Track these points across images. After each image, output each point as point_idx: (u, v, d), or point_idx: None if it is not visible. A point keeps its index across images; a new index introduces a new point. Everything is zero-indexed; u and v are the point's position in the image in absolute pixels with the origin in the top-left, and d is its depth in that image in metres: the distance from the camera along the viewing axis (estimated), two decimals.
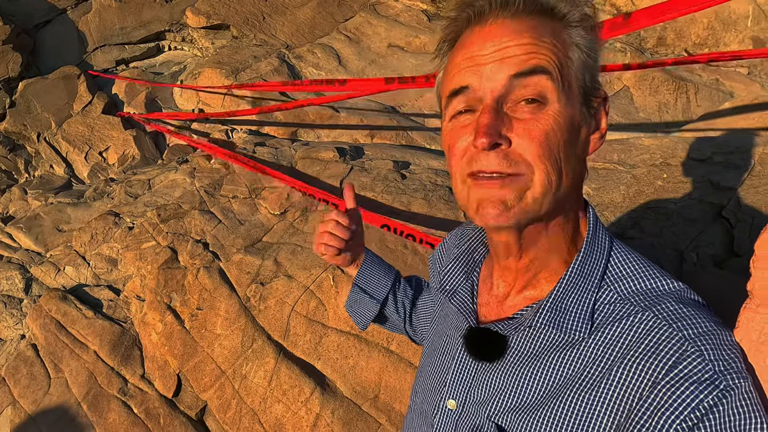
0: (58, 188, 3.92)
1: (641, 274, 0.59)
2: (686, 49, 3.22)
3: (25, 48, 4.71)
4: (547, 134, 0.54)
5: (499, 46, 0.55)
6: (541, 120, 0.54)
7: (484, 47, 0.55)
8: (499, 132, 0.54)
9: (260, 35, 4.32)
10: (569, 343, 0.58)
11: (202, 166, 3.10)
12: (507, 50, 0.54)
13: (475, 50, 0.56)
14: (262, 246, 2.33)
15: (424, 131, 3.31)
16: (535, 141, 0.53)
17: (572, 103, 0.56)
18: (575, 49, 0.56)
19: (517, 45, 0.54)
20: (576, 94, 0.56)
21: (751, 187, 1.52)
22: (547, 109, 0.54)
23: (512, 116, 0.55)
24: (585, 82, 0.57)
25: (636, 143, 1.96)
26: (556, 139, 0.54)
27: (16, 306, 2.77)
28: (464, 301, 0.71)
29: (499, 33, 0.55)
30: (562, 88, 0.54)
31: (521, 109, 0.54)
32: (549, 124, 0.54)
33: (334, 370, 1.84)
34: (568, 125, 0.55)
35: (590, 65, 0.57)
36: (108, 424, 2.12)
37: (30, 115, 4.37)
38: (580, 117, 0.57)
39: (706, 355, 0.49)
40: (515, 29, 0.55)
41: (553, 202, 0.57)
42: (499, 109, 0.55)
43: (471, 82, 0.56)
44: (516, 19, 0.55)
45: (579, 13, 0.56)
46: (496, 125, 0.54)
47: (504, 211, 0.56)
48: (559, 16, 0.56)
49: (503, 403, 0.60)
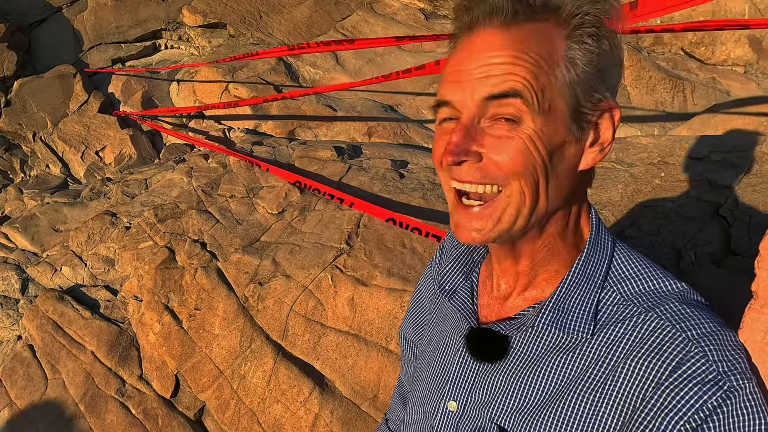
0: (55, 188, 3.90)
1: (644, 275, 0.59)
2: (683, 47, 3.22)
3: (20, 46, 4.69)
4: (521, 152, 0.54)
5: (482, 61, 0.55)
6: (515, 138, 0.54)
7: (470, 60, 0.56)
8: (467, 150, 0.55)
9: (257, 34, 4.31)
10: (572, 344, 0.58)
11: (200, 165, 3.09)
12: (488, 68, 0.54)
13: (462, 61, 0.57)
14: (260, 246, 2.33)
15: (422, 130, 3.31)
16: (508, 158, 0.54)
17: (554, 121, 0.54)
18: (564, 65, 0.54)
19: (497, 63, 0.54)
20: (561, 112, 0.55)
21: (749, 186, 1.53)
22: (523, 129, 0.54)
23: (487, 132, 0.55)
24: (576, 97, 0.55)
25: (634, 142, 1.97)
26: (531, 157, 0.54)
27: (13, 307, 2.76)
28: (464, 301, 0.71)
29: (485, 46, 0.55)
30: (538, 109, 0.53)
31: (498, 125, 0.55)
32: (523, 143, 0.54)
33: (333, 369, 1.84)
34: (545, 145, 0.54)
35: (585, 79, 0.55)
36: (106, 425, 2.11)
37: (25, 115, 4.35)
38: (564, 134, 0.56)
39: (710, 356, 0.49)
40: (501, 42, 0.54)
41: (534, 219, 0.58)
42: (471, 128, 0.56)
43: (452, 98, 0.57)
44: (505, 28, 0.54)
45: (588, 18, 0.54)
46: (464, 144, 0.55)
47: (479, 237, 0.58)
48: (561, 19, 0.54)
49: (506, 404, 0.60)
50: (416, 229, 1.85)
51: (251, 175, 2.78)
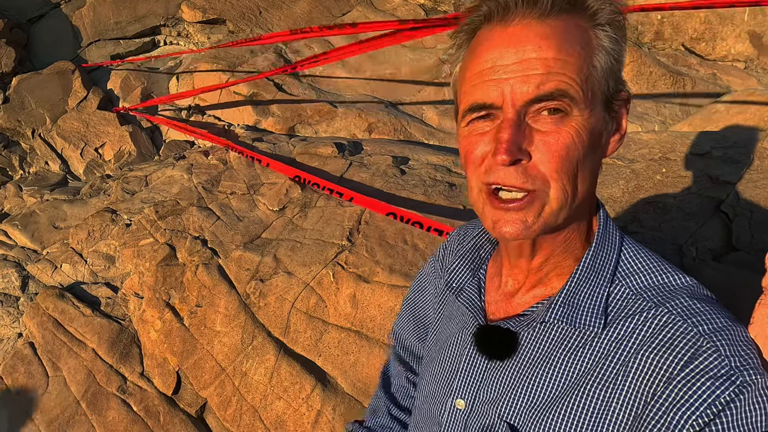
0: (54, 185, 3.89)
1: (653, 269, 0.59)
2: (683, 43, 3.22)
3: (18, 43, 4.66)
4: (567, 148, 0.53)
5: (521, 56, 0.52)
6: (562, 133, 0.53)
7: (506, 55, 0.53)
8: (520, 147, 0.53)
9: (257, 30, 4.29)
10: (582, 339, 0.58)
11: (200, 162, 3.08)
12: (530, 64, 0.51)
13: (495, 57, 0.53)
14: (261, 242, 2.33)
15: (423, 126, 3.30)
16: (555, 157, 0.53)
17: (595, 111, 0.54)
18: (601, 53, 0.54)
19: (539, 59, 0.51)
20: (599, 101, 0.55)
21: (750, 182, 1.53)
22: (570, 121, 0.53)
23: (534, 127, 0.53)
24: (608, 87, 0.55)
25: (635, 138, 1.96)
26: (576, 152, 0.53)
27: (13, 304, 2.76)
28: (472, 298, 0.70)
29: (522, 38, 0.52)
30: (585, 101, 0.53)
31: (543, 119, 0.53)
32: (570, 137, 0.53)
33: (335, 366, 1.84)
34: (589, 136, 0.54)
35: (615, 68, 0.55)
36: (107, 422, 2.11)
37: (24, 111, 4.33)
38: (602, 124, 0.56)
39: (722, 351, 0.49)
40: (540, 33, 0.52)
41: (570, 212, 0.57)
42: (520, 122, 0.53)
43: (493, 99, 0.54)
44: (542, 20, 0.52)
45: (609, 10, 0.54)
46: (517, 141, 0.52)
47: (524, 229, 0.55)
48: (588, 13, 0.54)
49: (515, 401, 0.60)
50: (417, 223, 1.83)
51: (252, 171, 2.77)
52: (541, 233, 0.57)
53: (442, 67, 3.61)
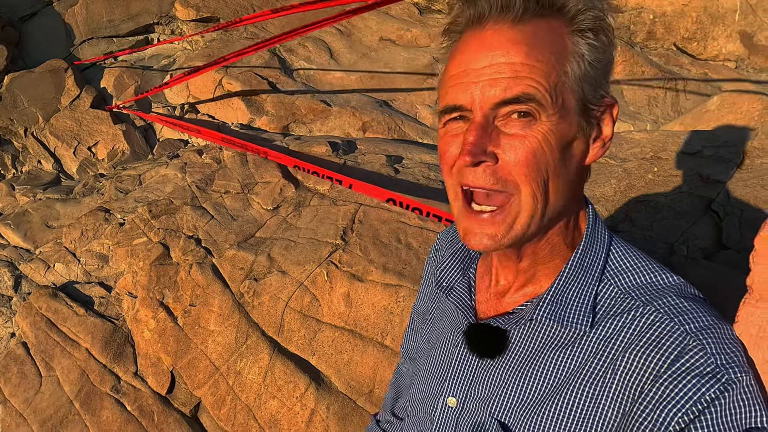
0: (47, 184, 3.87)
1: (641, 268, 0.60)
2: (675, 43, 3.24)
3: (10, 40, 4.63)
4: (534, 152, 0.53)
5: (491, 60, 0.53)
6: (529, 137, 0.53)
7: (478, 59, 0.54)
8: (485, 150, 0.54)
9: (250, 28, 4.28)
10: (571, 338, 0.59)
11: (194, 161, 3.07)
12: (498, 68, 0.53)
13: (470, 60, 0.55)
14: (255, 241, 2.33)
15: (417, 125, 3.31)
16: (522, 160, 0.53)
17: (566, 117, 0.54)
18: (574, 60, 0.54)
19: (507, 63, 0.52)
20: (572, 107, 0.55)
21: (740, 181, 1.54)
22: (538, 126, 0.53)
23: (502, 130, 0.54)
24: (584, 93, 0.55)
25: (627, 137, 1.98)
26: (545, 157, 0.54)
27: (6, 304, 2.74)
28: (462, 297, 0.71)
29: (494, 43, 0.53)
30: (554, 107, 0.53)
31: (512, 123, 0.54)
32: (537, 142, 0.53)
33: (329, 365, 1.85)
34: (558, 141, 0.54)
35: (592, 75, 0.55)
36: (101, 422, 2.11)
37: (16, 110, 4.30)
38: (575, 130, 0.56)
39: (708, 349, 0.50)
40: (511, 39, 0.53)
41: (543, 222, 0.57)
42: (487, 125, 0.54)
43: (463, 101, 0.55)
44: (514, 26, 0.53)
45: (592, 15, 0.54)
46: (481, 143, 0.53)
47: (492, 243, 0.57)
48: (566, 18, 0.54)
49: (505, 399, 0.61)
50: (417, 209, 1.82)
51: (246, 170, 2.77)
52: (513, 245, 0.58)
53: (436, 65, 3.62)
